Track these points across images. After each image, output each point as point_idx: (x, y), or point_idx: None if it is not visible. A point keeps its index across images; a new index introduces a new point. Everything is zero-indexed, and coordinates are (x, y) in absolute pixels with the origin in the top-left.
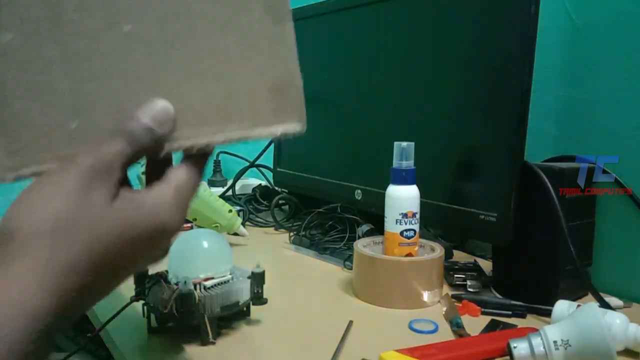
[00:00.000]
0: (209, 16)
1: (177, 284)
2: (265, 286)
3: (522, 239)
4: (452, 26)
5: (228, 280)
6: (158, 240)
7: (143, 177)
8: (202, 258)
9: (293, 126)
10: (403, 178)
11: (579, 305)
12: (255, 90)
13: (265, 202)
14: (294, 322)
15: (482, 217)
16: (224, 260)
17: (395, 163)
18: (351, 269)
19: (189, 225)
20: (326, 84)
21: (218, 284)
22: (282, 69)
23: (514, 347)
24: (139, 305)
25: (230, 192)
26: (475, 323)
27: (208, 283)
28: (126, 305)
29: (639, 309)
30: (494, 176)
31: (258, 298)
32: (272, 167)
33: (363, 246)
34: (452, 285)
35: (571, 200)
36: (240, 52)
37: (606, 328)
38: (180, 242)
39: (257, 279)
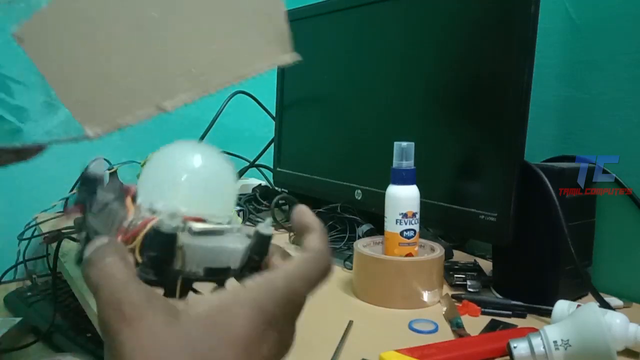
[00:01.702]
0: None
1: (154, 212)
2: None
3: (522, 239)
4: (452, 26)
5: (223, 232)
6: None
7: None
8: (193, 184)
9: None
10: (403, 178)
11: (579, 305)
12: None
13: (265, 202)
14: None
15: (482, 217)
16: (224, 198)
17: (395, 163)
18: (351, 269)
19: None
20: (326, 84)
21: (209, 231)
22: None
23: (514, 347)
24: None
25: None
26: (475, 323)
27: (197, 226)
28: None
29: (639, 309)
30: (494, 176)
31: (254, 269)
32: (272, 167)
33: (363, 246)
34: (452, 285)
35: (571, 200)
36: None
37: (606, 328)
38: (163, 155)
39: (260, 243)
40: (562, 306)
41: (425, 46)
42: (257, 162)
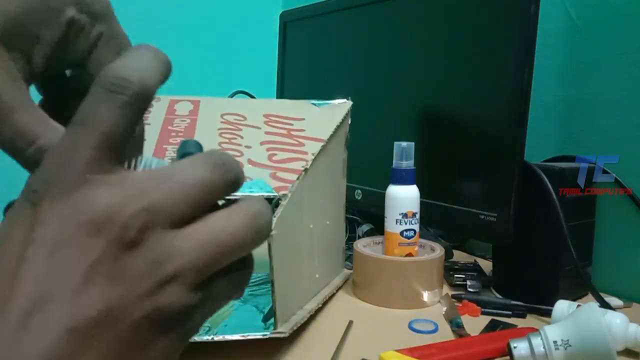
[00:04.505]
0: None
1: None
2: None
3: (522, 239)
4: (451, 26)
5: None
6: None
7: None
8: None
9: None
10: (403, 178)
11: (579, 305)
12: None
13: None
14: None
15: (482, 217)
16: None
17: (395, 163)
18: (351, 269)
19: None
20: (325, 83)
21: None
22: None
23: (514, 347)
24: None
25: None
26: (475, 323)
27: None
28: None
29: (639, 309)
30: (494, 176)
31: None
32: None
33: (363, 246)
34: (452, 285)
35: (571, 200)
36: None
37: (606, 328)
38: None
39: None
40: (562, 306)
41: (425, 46)
42: None
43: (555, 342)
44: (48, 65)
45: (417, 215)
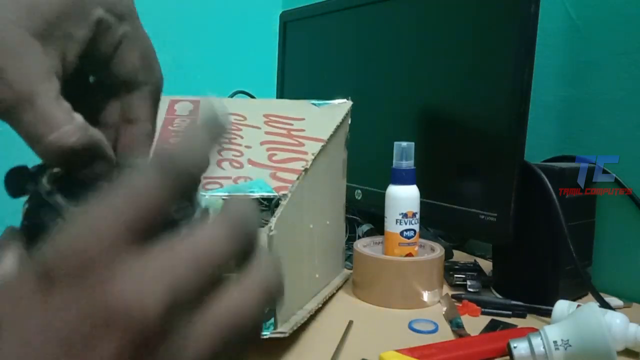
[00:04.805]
0: None
1: None
2: None
3: (522, 239)
4: (451, 26)
5: None
6: None
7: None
8: None
9: None
10: (403, 178)
11: (579, 305)
12: None
13: (265, 202)
14: None
15: (482, 217)
16: None
17: (395, 163)
18: (351, 269)
19: None
20: (325, 83)
21: None
22: None
23: (514, 347)
24: None
25: None
26: (475, 323)
27: None
28: None
29: (639, 309)
30: (494, 176)
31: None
32: None
33: (363, 246)
34: (452, 285)
35: (571, 200)
36: None
37: (606, 328)
38: None
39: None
40: (562, 306)
41: (425, 46)
42: None
43: (555, 342)
44: (76, 61)
45: (417, 215)
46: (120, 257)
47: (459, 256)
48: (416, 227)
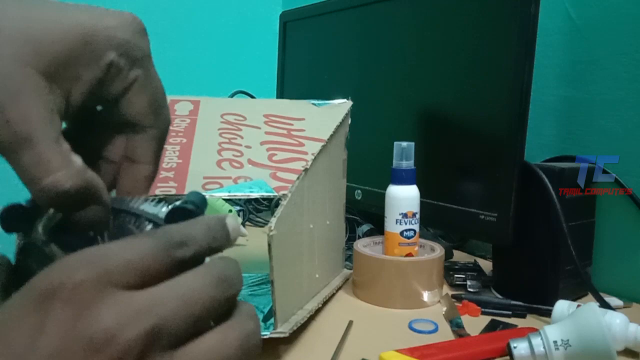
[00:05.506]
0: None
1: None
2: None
3: (522, 239)
4: (451, 26)
5: None
6: None
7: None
8: None
9: None
10: (403, 178)
11: (579, 305)
12: None
13: (265, 202)
14: None
15: (482, 217)
16: None
17: (395, 163)
18: (351, 269)
19: None
20: (325, 83)
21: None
22: None
23: (514, 347)
24: None
25: None
26: (475, 323)
27: None
28: None
29: (639, 309)
30: (494, 176)
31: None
32: None
33: (363, 246)
34: (452, 285)
35: (571, 200)
36: None
37: (606, 328)
38: None
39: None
40: (562, 306)
41: (425, 46)
42: None
43: (555, 342)
44: (83, 100)
45: (417, 215)
46: (110, 290)
47: (459, 256)
48: (416, 227)
